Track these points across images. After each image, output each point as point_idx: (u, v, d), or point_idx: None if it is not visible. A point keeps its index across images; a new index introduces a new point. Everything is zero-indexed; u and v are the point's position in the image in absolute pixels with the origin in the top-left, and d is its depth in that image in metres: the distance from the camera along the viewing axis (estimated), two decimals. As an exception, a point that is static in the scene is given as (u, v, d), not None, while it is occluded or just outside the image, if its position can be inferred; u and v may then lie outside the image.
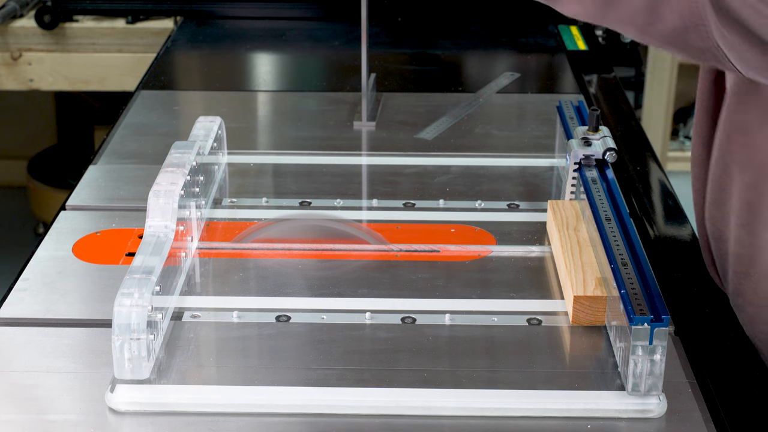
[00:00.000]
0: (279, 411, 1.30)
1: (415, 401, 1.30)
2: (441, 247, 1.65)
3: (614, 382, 1.33)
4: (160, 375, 1.35)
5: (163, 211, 1.50)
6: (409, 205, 1.80)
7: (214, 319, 1.47)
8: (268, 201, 1.81)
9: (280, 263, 1.63)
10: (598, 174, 1.64)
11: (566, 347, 1.43)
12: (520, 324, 1.46)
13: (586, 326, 1.45)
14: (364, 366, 1.38)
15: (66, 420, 1.29)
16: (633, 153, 2.15)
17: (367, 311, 1.48)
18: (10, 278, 1.58)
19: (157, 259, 1.41)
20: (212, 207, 1.77)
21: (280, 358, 1.40)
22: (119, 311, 1.31)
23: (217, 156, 1.84)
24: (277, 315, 1.48)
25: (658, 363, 1.27)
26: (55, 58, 3.03)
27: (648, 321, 1.26)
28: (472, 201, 1.81)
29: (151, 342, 1.34)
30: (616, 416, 1.29)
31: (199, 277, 1.59)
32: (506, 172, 1.93)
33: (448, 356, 1.41)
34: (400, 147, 2.01)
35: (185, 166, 1.59)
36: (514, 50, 2.73)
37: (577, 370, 1.38)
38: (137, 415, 1.30)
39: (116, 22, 3.04)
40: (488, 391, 1.32)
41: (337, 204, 1.80)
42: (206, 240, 1.68)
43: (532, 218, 1.74)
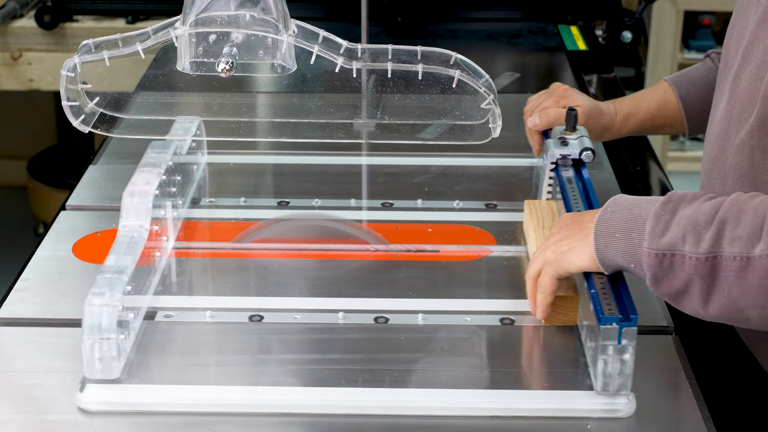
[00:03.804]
0: (249, 411, 1.29)
1: (379, 401, 1.30)
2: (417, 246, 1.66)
3: (584, 382, 1.32)
4: (131, 375, 1.35)
5: (137, 211, 1.50)
6: (387, 205, 1.80)
7: (187, 319, 1.47)
8: (246, 201, 1.81)
9: (256, 263, 1.63)
10: (574, 174, 1.64)
11: (538, 347, 1.43)
12: (493, 324, 1.46)
13: (559, 326, 1.44)
14: (336, 366, 1.38)
15: (66, 420, 1.29)
16: (633, 153, 2.15)
17: (340, 311, 1.48)
18: (10, 278, 1.58)
19: (129, 258, 1.41)
20: (190, 207, 1.77)
21: (251, 357, 1.40)
22: (89, 311, 1.31)
23: (196, 156, 1.85)
24: (250, 315, 1.48)
25: (627, 363, 1.27)
26: (55, 58, 3.03)
27: (617, 321, 1.26)
28: (449, 201, 1.81)
29: (122, 342, 1.34)
30: (585, 416, 1.28)
31: (176, 277, 1.58)
32: (486, 171, 1.93)
33: (417, 356, 1.40)
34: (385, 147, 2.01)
35: (161, 165, 1.60)
36: (514, 50, 2.74)
37: (548, 370, 1.38)
38: (112, 414, 1.29)
39: (116, 22, 3.05)
40: (456, 391, 1.32)
41: (315, 204, 1.80)
42: (183, 240, 1.68)
43: (509, 218, 1.74)
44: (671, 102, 1.80)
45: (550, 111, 1.74)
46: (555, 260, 1.37)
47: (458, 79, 1.55)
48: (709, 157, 1.55)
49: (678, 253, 1.25)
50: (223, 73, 1.48)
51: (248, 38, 1.49)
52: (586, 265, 1.35)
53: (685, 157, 4.16)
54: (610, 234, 1.31)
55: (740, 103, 1.45)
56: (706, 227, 1.24)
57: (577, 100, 1.76)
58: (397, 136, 1.74)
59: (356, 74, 1.55)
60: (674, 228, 1.26)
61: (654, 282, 1.28)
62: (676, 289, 1.26)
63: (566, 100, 1.76)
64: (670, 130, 1.84)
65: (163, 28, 1.53)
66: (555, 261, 1.37)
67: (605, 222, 1.32)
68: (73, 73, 1.59)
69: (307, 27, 1.53)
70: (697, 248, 1.24)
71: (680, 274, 1.25)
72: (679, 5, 4.00)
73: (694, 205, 1.28)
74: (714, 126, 1.55)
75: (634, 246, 1.29)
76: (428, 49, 1.57)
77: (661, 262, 1.26)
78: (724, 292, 1.23)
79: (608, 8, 2.92)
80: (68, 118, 1.64)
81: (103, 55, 1.55)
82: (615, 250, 1.31)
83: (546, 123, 1.74)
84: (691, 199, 1.29)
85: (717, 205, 1.26)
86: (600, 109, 1.78)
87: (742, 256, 1.21)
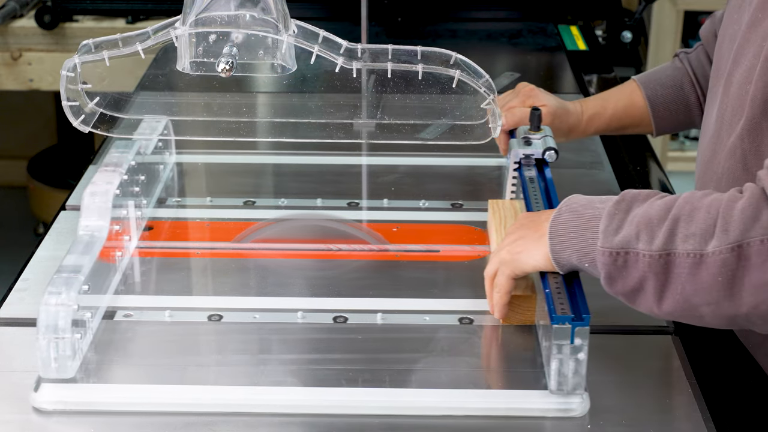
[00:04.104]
0: (205, 410, 1.29)
1: (334, 399, 1.30)
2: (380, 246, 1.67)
3: (540, 382, 1.33)
4: (88, 374, 1.35)
5: (96, 211, 1.50)
6: (353, 205, 1.80)
7: (147, 318, 1.47)
8: (212, 200, 1.81)
9: (218, 263, 1.63)
10: (536, 173, 1.64)
11: (495, 346, 1.44)
12: (451, 323, 1.46)
13: (517, 325, 1.45)
14: (289, 366, 1.38)
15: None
16: (633, 153, 2.15)
17: (299, 311, 1.48)
18: (10, 278, 1.58)
19: (86, 258, 1.41)
20: (156, 206, 1.77)
21: (210, 356, 1.41)
22: (45, 310, 1.31)
23: (163, 156, 1.85)
24: (209, 314, 1.48)
25: (580, 362, 1.27)
26: (55, 58, 3.03)
27: (569, 320, 1.26)
28: (416, 200, 1.81)
29: (78, 341, 1.33)
30: (539, 415, 1.29)
31: (139, 276, 1.58)
32: (453, 171, 1.93)
33: (375, 355, 1.40)
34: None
35: (122, 165, 1.60)
36: (514, 50, 2.74)
37: (505, 370, 1.39)
38: (68, 414, 1.29)
39: (116, 22, 3.05)
40: (410, 390, 1.32)
41: (281, 203, 1.80)
42: (147, 239, 1.68)
43: (474, 217, 1.75)
44: (638, 102, 1.80)
45: (515, 111, 1.74)
46: (510, 260, 1.38)
47: (458, 79, 1.55)
48: (703, 160, 1.56)
49: (632, 251, 1.25)
50: (223, 73, 1.48)
51: (248, 38, 1.49)
52: (542, 264, 1.36)
53: (685, 157, 4.16)
54: (565, 234, 1.32)
55: (731, 106, 1.45)
56: (659, 225, 1.25)
57: (542, 100, 1.76)
58: (397, 136, 1.74)
59: (356, 74, 1.55)
60: (628, 226, 1.27)
61: (608, 281, 1.28)
62: (630, 287, 1.27)
63: (532, 100, 1.75)
64: (637, 129, 1.84)
65: (163, 28, 1.53)
66: (510, 261, 1.38)
67: (560, 222, 1.33)
68: (73, 73, 1.59)
69: (307, 27, 1.54)
70: (651, 246, 1.24)
71: (634, 272, 1.25)
72: (679, 5, 4.00)
73: (648, 203, 1.28)
74: (707, 129, 1.55)
75: (588, 245, 1.29)
76: (428, 49, 1.57)
77: (615, 261, 1.26)
78: (678, 289, 1.23)
79: (608, 8, 2.92)
80: (68, 118, 1.64)
81: (103, 55, 1.55)
82: (569, 249, 1.32)
83: (512, 123, 1.73)
84: (644, 198, 1.30)
85: (670, 203, 1.27)
86: (566, 108, 1.78)
87: (695, 253, 1.22)
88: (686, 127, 1.83)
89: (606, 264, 1.27)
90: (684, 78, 1.79)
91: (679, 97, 1.79)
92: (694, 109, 1.79)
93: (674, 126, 1.82)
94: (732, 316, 1.23)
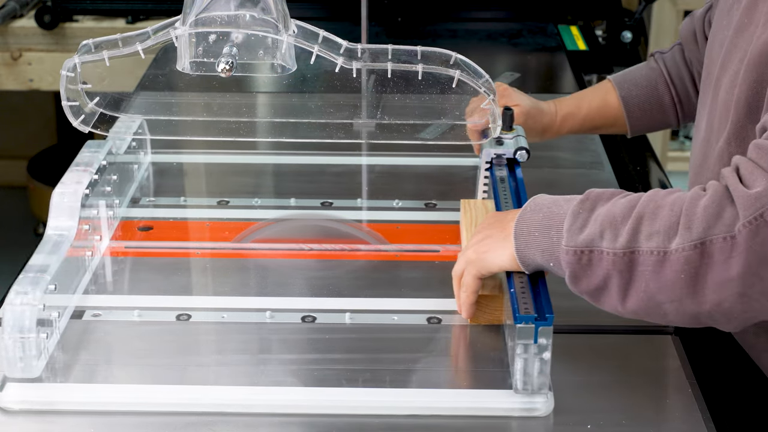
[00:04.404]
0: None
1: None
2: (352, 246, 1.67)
3: (506, 381, 1.33)
4: (54, 373, 1.35)
5: (65, 211, 1.49)
6: (327, 204, 1.80)
7: (115, 318, 1.47)
8: (186, 200, 1.81)
9: (189, 262, 1.63)
10: (507, 173, 1.65)
11: (463, 346, 1.44)
12: (419, 323, 1.47)
13: (485, 325, 1.45)
14: (259, 365, 1.38)
15: None
16: (633, 153, 2.16)
17: (267, 310, 1.48)
18: (10, 278, 1.58)
19: (54, 258, 1.41)
20: (130, 206, 1.77)
21: (178, 356, 1.40)
22: (10, 309, 1.31)
23: (137, 155, 1.85)
24: (177, 314, 1.48)
25: (545, 362, 1.27)
26: (55, 58, 3.03)
27: (532, 320, 1.26)
28: (389, 200, 1.81)
29: (44, 341, 1.33)
30: (503, 414, 1.29)
31: (111, 276, 1.58)
32: (429, 171, 1.93)
33: (342, 355, 1.40)
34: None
35: (93, 165, 1.60)
36: (514, 50, 2.74)
37: (471, 369, 1.39)
38: (33, 414, 1.29)
39: (116, 22, 3.05)
40: (375, 389, 1.32)
41: (255, 203, 1.80)
42: (119, 239, 1.68)
43: (448, 217, 1.75)
44: (613, 102, 1.81)
45: None
46: (476, 260, 1.39)
47: (458, 79, 1.55)
48: (695, 164, 1.56)
49: (596, 249, 1.26)
50: (223, 73, 1.48)
51: (248, 38, 1.49)
52: (507, 264, 1.36)
53: (685, 157, 4.16)
54: (530, 233, 1.33)
55: (720, 110, 1.45)
56: (623, 223, 1.25)
57: (515, 100, 1.76)
58: (397, 136, 1.74)
59: (356, 74, 1.55)
60: (592, 225, 1.27)
61: (573, 279, 1.28)
62: (594, 285, 1.27)
63: (505, 100, 1.75)
64: (611, 129, 1.85)
65: (163, 28, 1.53)
66: (476, 261, 1.39)
67: (525, 222, 1.33)
68: (73, 73, 1.59)
69: (307, 27, 1.53)
70: (615, 244, 1.24)
71: (598, 270, 1.26)
72: (679, 5, 4.00)
73: (612, 202, 1.29)
74: (698, 134, 1.56)
75: (553, 244, 1.30)
76: (428, 49, 1.57)
77: (580, 259, 1.27)
78: (642, 286, 1.24)
79: (608, 8, 2.92)
80: (68, 118, 1.64)
81: (103, 55, 1.55)
82: (534, 249, 1.32)
83: (485, 123, 1.74)
84: (608, 197, 1.30)
85: (634, 201, 1.27)
86: (540, 108, 1.78)
87: (659, 251, 1.22)
88: (661, 127, 1.84)
89: (570, 263, 1.27)
90: (659, 78, 1.79)
91: (653, 98, 1.79)
92: (669, 110, 1.79)
93: (649, 126, 1.83)
94: (695, 313, 1.24)
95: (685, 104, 1.79)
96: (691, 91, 1.78)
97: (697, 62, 1.74)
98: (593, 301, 1.29)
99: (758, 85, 1.36)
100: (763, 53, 1.35)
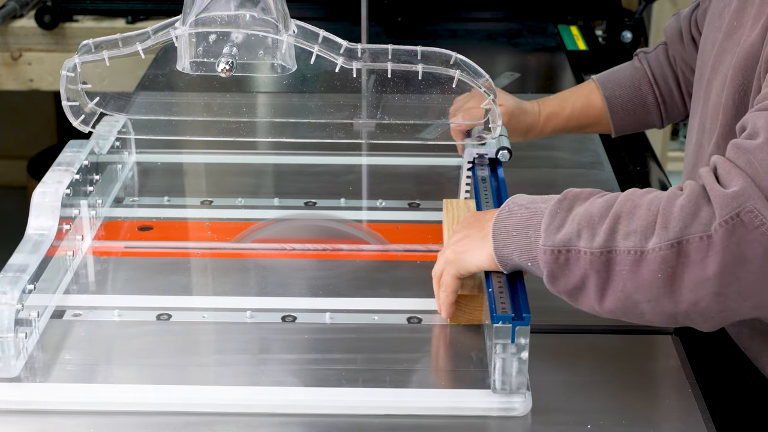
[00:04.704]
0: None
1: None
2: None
3: (485, 381, 1.33)
4: (33, 373, 1.34)
5: (45, 210, 1.50)
6: (310, 204, 1.80)
7: (96, 318, 1.47)
8: (170, 200, 1.81)
9: (170, 262, 1.63)
10: (489, 173, 1.65)
11: (443, 346, 1.44)
12: (400, 323, 1.47)
13: (465, 325, 1.45)
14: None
15: None
16: (633, 153, 2.16)
17: (248, 310, 1.48)
18: (10, 278, 1.58)
19: (33, 257, 1.41)
20: (113, 206, 1.77)
21: (158, 356, 1.40)
22: None
23: (121, 155, 1.85)
24: (158, 314, 1.48)
25: (523, 361, 1.27)
26: (55, 58, 3.03)
27: (509, 319, 1.26)
28: (373, 200, 1.81)
29: (22, 340, 1.33)
30: (481, 414, 1.29)
31: (93, 276, 1.58)
32: (412, 171, 1.94)
33: (322, 354, 1.40)
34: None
35: (74, 165, 1.60)
36: (514, 50, 2.74)
37: (450, 369, 1.39)
38: (11, 413, 1.29)
39: (116, 22, 3.05)
40: (352, 389, 1.32)
41: (238, 203, 1.80)
42: (102, 239, 1.68)
43: (431, 217, 1.75)
44: (596, 102, 1.81)
45: (473, 111, 1.74)
46: (455, 260, 1.39)
47: (458, 79, 1.55)
48: (687, 167, 1.56)
49: (573, 248, 1.26)
50: (223, 73, 1.48)
51: (248, 38, 1.49)
52: (486, 264, 1.36)
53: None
54: (508, 233, 1.33)
55: (711, 114, 1.46)
56: (600, 222, 1.25)
57: (499, 100, 1.76)
58: (397, 136, 1.74)
59: (356, 74, 1.55)
60: (569, 224, 1.27)
61: (551, 279, 1.29)
62: (572, 285, 1.27)
63: None
64: (595, 129, 1.85)
65: (163, 28, 1.53)
66: (455, 260, 1.39)
67: (503, 221, 1.34)
68: (73, 73, 1.59)
69: (307, 27, 1.54)
70: (592, 243, 1.25)
71: (576, 269, 1.26)
72: (679, 5, 4.00)
73: (589, 201, 1.29)
74: (691, 137, 1.56)
75: (531, 244, 1.30)
76: (428, 49, 1.57)
77: (557, 259, 1.27)
78: (619, 286, 1.24)
79: (608, 8, 2.92)
80: (68, 118, 1.64)
81: (103, 55, 1.55)
82: (512, 248, 1.32)
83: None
84: (586, 197, 1.30)
85: (611, 200, 1.27)
86: (524, 108, 1.79)
87: (636, 250, 1.22)
88: (645, 127, 1.84)
89: (548, 262, 1.28)
90: (642, 78, 1.79)
91: (636, 98, 1.79)
92: (653, 110, 1.79)
93: (633, 126, 1.83)
94: (672, 313, 1.24)
95: (668, 104, 1.79)
96: (674, 92, 1.78)
97: (682, 62, 1.75)
98: (571, 301, 1.30)
99: (745, 87, 1.36)
100: (749, 56, 1.35)
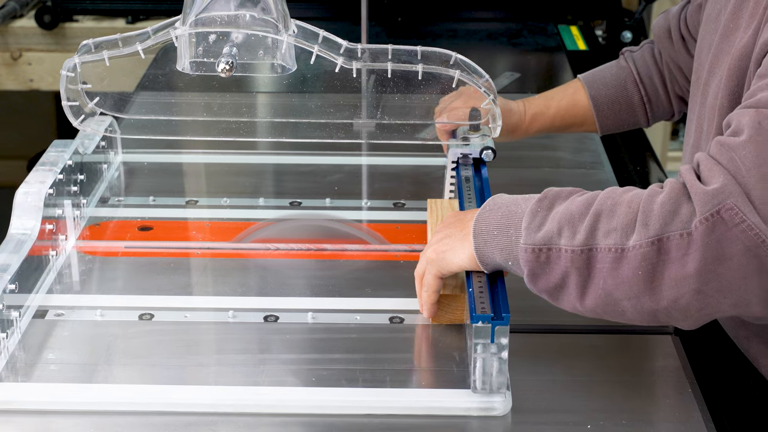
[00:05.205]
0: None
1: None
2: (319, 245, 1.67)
3: (465, 381, 1.32)
4: (15, 373, 1.34)
5: (27, 210, 1.50)
6: (295, 204, 1.80)
7: (78, 318, 1.47)
8: (155, 200, 1.81)
9: (155, 262, 1.63)
10: (473, 173, 1.65)
11: (425, 345, 1.44)
12: (382, 323, 1.47)
13: (447, 325, 1.45)
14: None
15: None
16: (633, 153, 2.16)
17: (230, 309, 1.48)
18: (9, 278, 1.58)
19: (15, 257, 1.41)
20: (98, 205, 1.77)
21: (140, 356, 1.40)
22: None
23: (107, 155, 1.85)
24: (140, 313, 1.48)
25: (503, 361, 1.27)
26: (55, 58, 3.03)
27: (488, 319, 1.26)
28: (358, 200, 1.81)
29: (3, 340, 1.33)
30: (461, 414, 1.29)
31: (77, 276, 1.58)
32: (399, 171, 1.93)
33: (304, 354, 1.40)
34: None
35: (58, 164, 1.60)
36: (514, 50, 2.74)
37: (431, 368, 1.39)
38: None
39: (116, 22, 3.05)
40: (331, 389, 1.32)
41: (224, 203, 1.80)
42: (87, 239, 1.68)
43: (415, 217, 1.75)
44: (582, 101, 1.81)
45: (458, 111, 1.74)
46: (436, 259, 1.39)
47: (458, 79, 1.55)
48: None
49: (554, 247, 1.26)
50: (223, 73, 1.48)
51: (248, 38, 1.49)
52: (467, 264, 1.36)
53: (685, 157, 4.17)
54: (488, 232, 1.33)
55: (708, 115, 1.46)
56: (581, 220, 1.25)
57: None
58: (397, 136, 1.74)
59: (356, 74, 1.55)
60: (550, 223, 1.27)
61: (531, 278, 1.29)
62: (553, 283, 1.27)
63: (474, 100, 1.76)
64: (581, 128, 1.84)
65: (163, 28, 1.53)
66: (436, 260, 1.39)
67: (483, 221, 1.34)
68: (73, 73, 1.59)
69: (307, 27, 1.54)
70: (573, 241, 1.25)
71: (556, 268, 1.26)
72: (679, 5, 4.00)
73: (570, 200, 1.29)
74: (689, 138, 1.56)
75: (512, 243, 1.30)
76: (428, 49, 1.57)
77: (538, 257, 1.27)
78: (600, 284, 1.24)
79: (608, 8, 2.92)
80: (68, 118, 1.64)
81: (103, 55, 1.55)
82: (493, 248, 1.32)
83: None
84: (567, 195, 1.30)
85: (592, 198, 1.27)
86: (509, 108, 1.78)
87: (616, 248, 1.22)
88: (631, 126, 1.84)
89: (529, 261, 1.28)
90: (628, 78, 1.79)
91: (622, 97, 1.79)
92: (638, 109, 1.79)
93: (618, 125, 1.83)
94: (652, 310, 1.24)
95: (654, 103, 1.79)
96: (660, 91, 1.78)
97: (669, 60, 1.75)
98: (552, 300, 1.30)
99: (739, 89, 1.36)
100: (743, 57, 1.35)
